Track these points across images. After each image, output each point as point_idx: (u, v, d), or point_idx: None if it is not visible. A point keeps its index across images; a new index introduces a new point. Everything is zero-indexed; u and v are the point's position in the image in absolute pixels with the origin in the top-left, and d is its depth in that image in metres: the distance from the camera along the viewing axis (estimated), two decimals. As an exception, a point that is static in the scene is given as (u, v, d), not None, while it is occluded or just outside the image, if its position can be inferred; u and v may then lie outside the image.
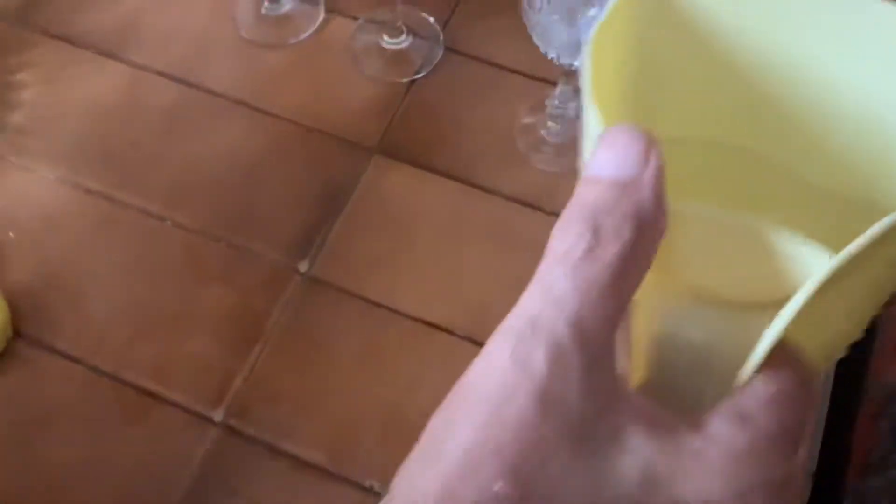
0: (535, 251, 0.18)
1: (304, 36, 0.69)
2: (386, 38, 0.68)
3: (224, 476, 0.52)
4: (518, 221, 0.61)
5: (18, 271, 0.58)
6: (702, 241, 0.19)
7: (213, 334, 0.56)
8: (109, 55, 0.68)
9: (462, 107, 0.65)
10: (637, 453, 0.16)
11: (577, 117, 0.64)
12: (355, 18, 0.69)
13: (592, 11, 0.51)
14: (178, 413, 0.54)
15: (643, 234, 0.16)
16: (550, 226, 0.17)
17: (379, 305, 0.57)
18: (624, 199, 0.16)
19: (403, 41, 0.68)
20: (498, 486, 0.15)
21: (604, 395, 0.16)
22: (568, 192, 0.18)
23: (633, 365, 0.20)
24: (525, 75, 0.66)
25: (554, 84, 0.63)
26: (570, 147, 0.64)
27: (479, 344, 0.17)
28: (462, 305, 0.57)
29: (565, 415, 0.15)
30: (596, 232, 0.16)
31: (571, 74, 0.58)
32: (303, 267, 0.58)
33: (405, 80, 0.67)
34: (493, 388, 0.16)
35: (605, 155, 0.17)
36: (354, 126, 0.64)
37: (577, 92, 0.62)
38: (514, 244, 0.60)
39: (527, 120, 0.64)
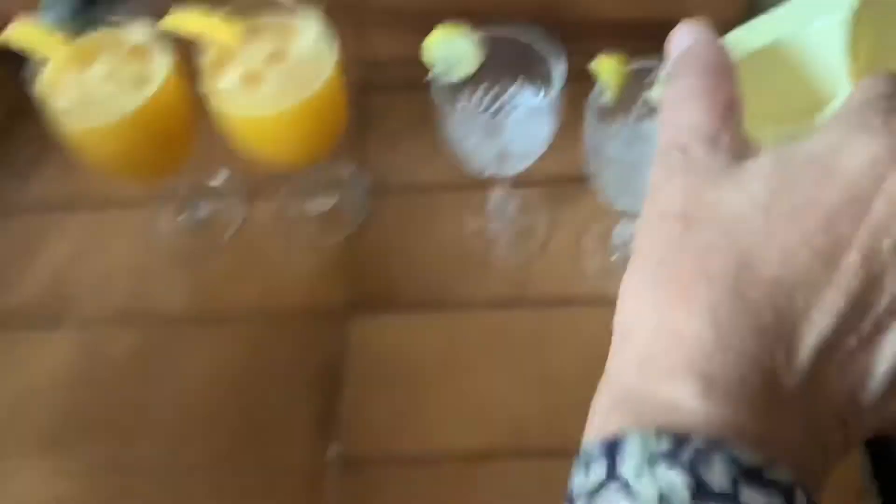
0: (533, 340, 0.21)
1: (232, 230, 0.69)
2: (310, 203, 0.69)
3: None
4: (505, 321, 0.62)
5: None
6: (765, 78, 0.27)
7: (276, 556, 0.54)
8: (50, 325, 0.65)
9: (409, 238, 0.67)
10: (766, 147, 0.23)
11: (519, 211, 0.66)
12: (273, 199, 0.70)
13: (512, 117, 0.53)
14: None
15: (708, 67, 0.25)
16: (536, 314, 0.22)
17: (418, 459, 0.57)
18: (685, 55, 0.26)
19: (328, 201, 0.69)
20: (672, 229, 0.23)
21: (727, 155, 0.23)
22: (539, 274, 0.22)
23: None
24: (455, 186, 0.68)
25: (483, 185, 0.65)
26: (523, 235, 0.66)
27: (526, 455, 0.19)
28: (494, 419, 0.57)
29: (700, 169, 0.23)
30: (674, 72, 0.26)
31: (502, 181, 0.60)
32: (332, 452, 0.57)
33: (345, 235, 0.67)
34: (654, 182, 0.24)
35: (672, 47, 0.27)
36: (318, 296, 0.65)
37: (514, 188, 0.65)
38: (512, 344, 0.61)
39: (473, 225, 0.66)
